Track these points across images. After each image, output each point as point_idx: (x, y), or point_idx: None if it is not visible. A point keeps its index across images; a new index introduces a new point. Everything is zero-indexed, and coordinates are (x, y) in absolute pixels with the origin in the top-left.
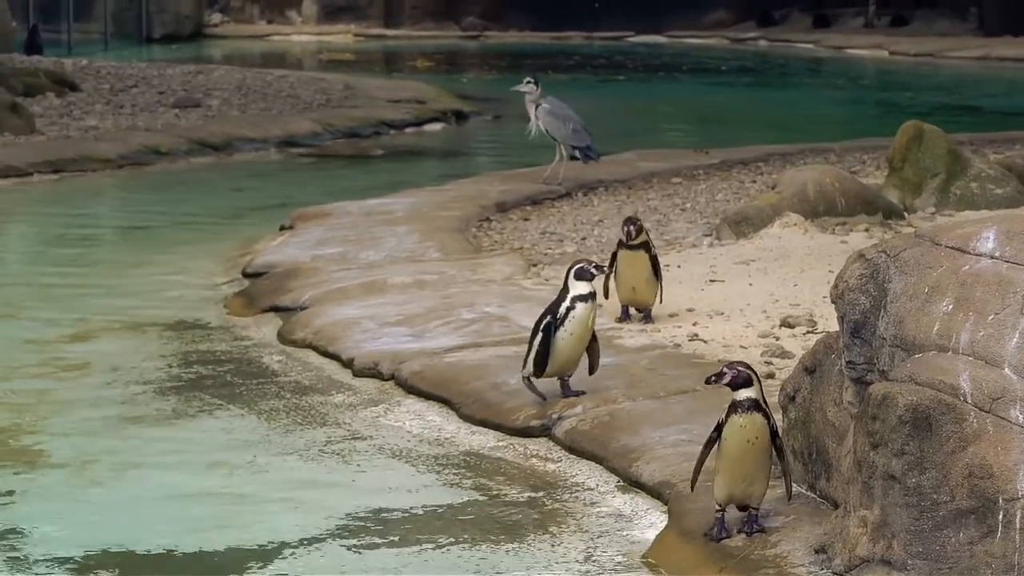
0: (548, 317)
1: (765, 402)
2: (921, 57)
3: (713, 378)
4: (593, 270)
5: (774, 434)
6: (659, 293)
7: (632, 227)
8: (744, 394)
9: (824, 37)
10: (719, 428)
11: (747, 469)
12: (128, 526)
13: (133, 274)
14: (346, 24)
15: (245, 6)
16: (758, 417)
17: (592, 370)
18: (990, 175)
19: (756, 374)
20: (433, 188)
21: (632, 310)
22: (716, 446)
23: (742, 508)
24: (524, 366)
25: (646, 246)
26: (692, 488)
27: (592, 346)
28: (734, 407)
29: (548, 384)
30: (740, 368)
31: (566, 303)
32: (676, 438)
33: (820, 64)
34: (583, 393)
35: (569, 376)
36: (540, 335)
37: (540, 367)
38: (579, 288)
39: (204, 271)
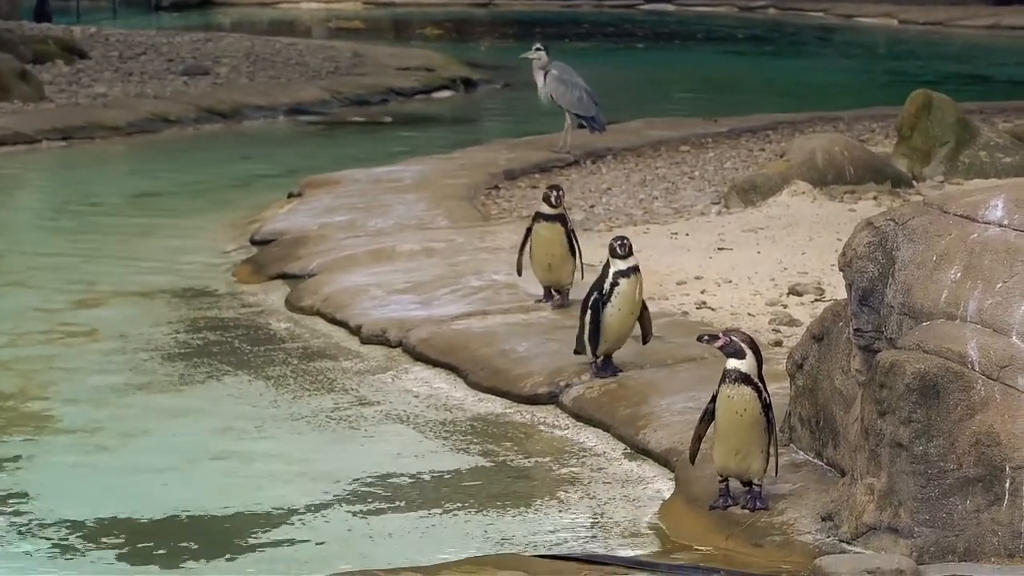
0: (595, 294)
1: (760, 375)
2: (931, 26)
3: (706, 337)
4: (618, 247)
5: (767, 407)
6: (579, 270)
7: (556, 192)
8: (733, 364)
9: (833, 5)
10: (713, 399)
11: (739, 442)
12: (135, 491)
13: (141, 241)
14: None
15: None
16: (746, 390)
17: (645, 340)
18: (999, 144)
19: (756, 347)
20: (441, 156)
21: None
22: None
23: (745, 483)
24: (577, 346)
25: (562, 218)
26: (692, 461)
27: (644, 315)
28: (723, 377)
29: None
30: (735, 338)
31: (609, 279)
32: (683, 406)
33: (829, 32)
34: (621, 371)
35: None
36: (589, 313)
37: (595, 345)
38: (619, 264)
39: (212, 238)
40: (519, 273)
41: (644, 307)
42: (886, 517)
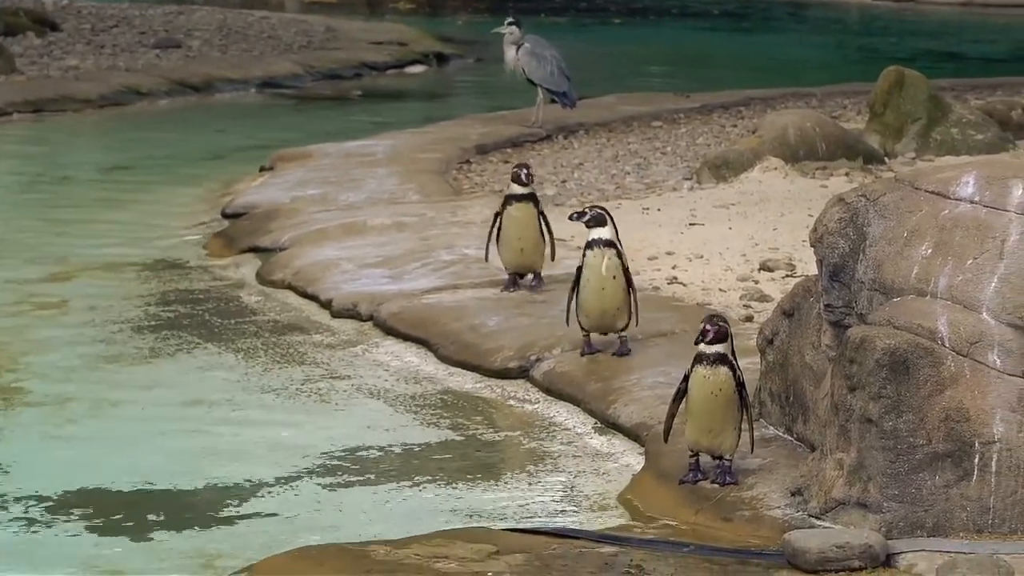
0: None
1: (734, 354)
2: (904, 3)
3: (700, 339)
4: (589, 213)
5: (740, 385)
6: (550, 252)
7: (526, 171)
8: (713, 349)
9: None
10: (686, 379)
11: (712, 420)
12: (104, 464)
13: (112, 214)
14: None
15: None
16: (723, 370)
17: (628, 323)
18: (971, 121)
19: (729, 326)
20: (413, 130)
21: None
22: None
23: (715, 457)
24: (567, 319)
25: (534, 197)
26: (665, 440)
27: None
28: (699, 359)
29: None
30: (721, 324)
31: (583, 252)
32: (654, 380)
33: (803, 9)
34: (628, 353)
35: (623, 330)
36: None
37: (577, 319)
38: (591, 234)
39: (184, 211)
40: (486, 259)
41: (631, 285)
42: (855, 492)
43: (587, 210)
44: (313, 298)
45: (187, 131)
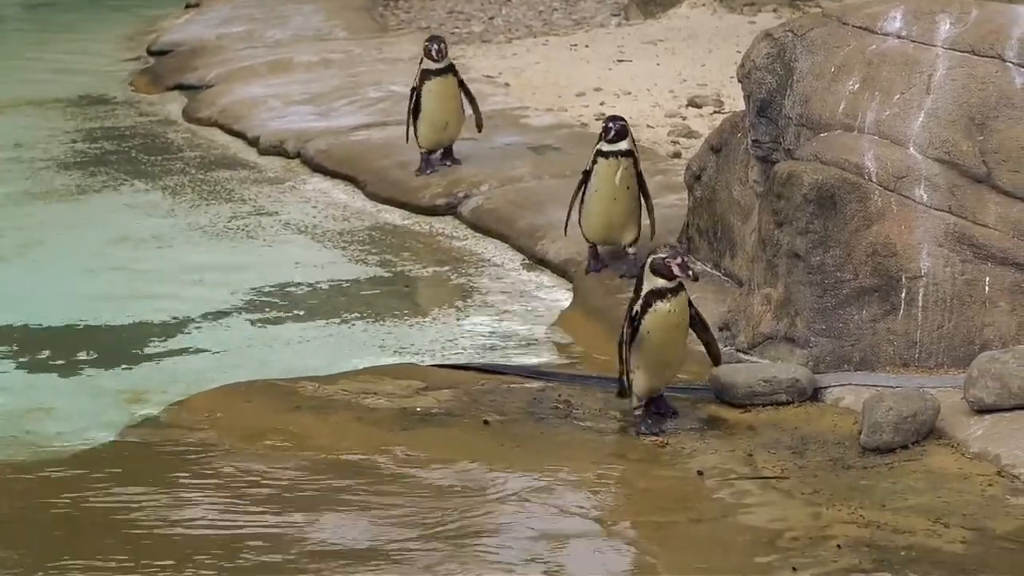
0: (582, 175)
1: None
2: None
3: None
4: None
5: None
6: (477, 123)
7: (437, 46)
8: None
9: None
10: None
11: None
12: (32, 301)
13: (36, 51)
14: None
15: None
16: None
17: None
18: None
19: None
20: None
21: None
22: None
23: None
24: (565, 229)
25: (452, 68)
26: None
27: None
28: (602, 155)
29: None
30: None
31: (590, 160)
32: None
33: None
34: (605, 267)
35: (630, 245)
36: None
37: (580, 229)
38: (609, 147)
39: (108, 49)
40: (406, 140)
41: (645, 194)
42: (782, 327)
43: (611, 126)
44: (240, 135)
45: None
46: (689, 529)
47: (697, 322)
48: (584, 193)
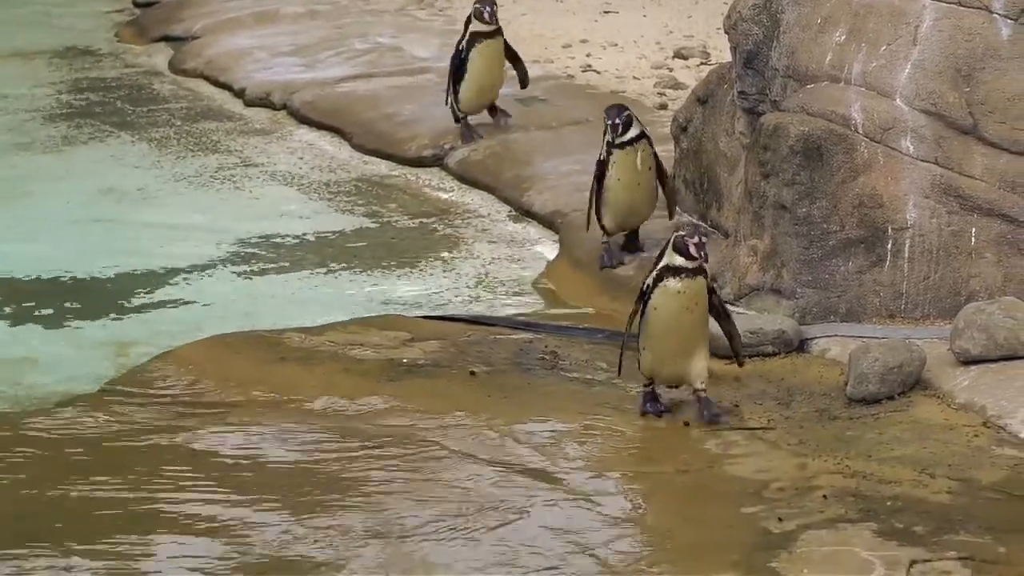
0: (595, 166)
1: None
2: None
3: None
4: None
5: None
6: (521, 80)
7: (490, 8)
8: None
9: None
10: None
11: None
12: (17, 254)
13: (20, 3)
14: None
15: None
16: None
17: (671, 215)
18: None
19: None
20: None
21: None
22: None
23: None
24: (588, 225)
25: (501, 31)
26: (619, 373)
27: (666, 187)
28: (618, 146)
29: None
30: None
31: (603, 150)
32: (569, 168)
33: None
34: (640, 252)
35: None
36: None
37: (599, 220)
38: (620, 137)
39: (94, 0)
40: (446, 103)
41: (662, 173)
42: (769, 278)
43: (616, 121)
44: (226, 87)
45: None
46: (675, 479)
47: (720, 312)
48: (601, 185)
